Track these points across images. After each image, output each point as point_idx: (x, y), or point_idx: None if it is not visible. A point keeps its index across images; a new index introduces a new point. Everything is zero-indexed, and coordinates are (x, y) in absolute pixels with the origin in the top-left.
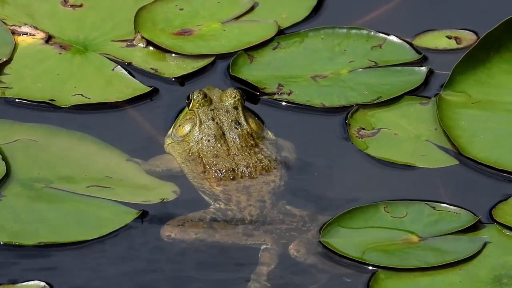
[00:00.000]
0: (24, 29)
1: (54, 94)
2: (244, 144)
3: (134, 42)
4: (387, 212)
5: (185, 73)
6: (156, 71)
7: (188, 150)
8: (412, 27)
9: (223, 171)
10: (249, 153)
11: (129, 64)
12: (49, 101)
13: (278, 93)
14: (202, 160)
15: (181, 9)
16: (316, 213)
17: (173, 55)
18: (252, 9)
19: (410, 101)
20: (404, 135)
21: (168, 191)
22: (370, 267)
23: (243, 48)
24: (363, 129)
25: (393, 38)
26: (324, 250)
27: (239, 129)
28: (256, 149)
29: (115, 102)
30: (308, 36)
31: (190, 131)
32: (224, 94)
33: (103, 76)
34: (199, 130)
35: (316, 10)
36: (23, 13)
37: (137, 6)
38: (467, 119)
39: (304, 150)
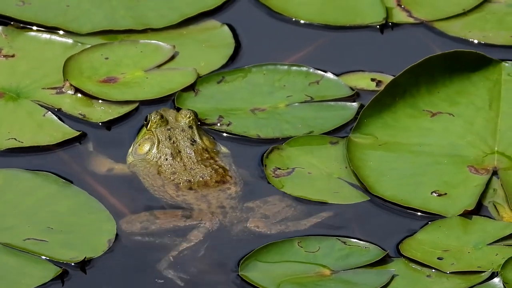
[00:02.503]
0: None
1: None
2: (199, 158)
3: (63, 90)
4: (301, 247)
5: (111, 118)
6: (84, 116)
7: (148, 168)
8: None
9: (180, 183)
10: (205, 165)
11: (59, 110)
12: None
13: (217, 124)
14: (160, 175)
15: (106, 58)
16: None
17: (100, 101)
18: (173, 58)
19: (321, 141)
20: (317, 174)
21: (102, 242)
22: None
23: (166, 94)
24: (279, 169)
25: (329, 75)
26: (242, 283)
27: (195, 146)
28: (211, 161)
29: (46, 145)
30: (251, 72)
31: (149, 150)
32: (179, 114)
33: (34, 121)
34: (157, 149)
35: (232, 58)
36: None
37: (65, 56)
38: (375, 160)
39: None
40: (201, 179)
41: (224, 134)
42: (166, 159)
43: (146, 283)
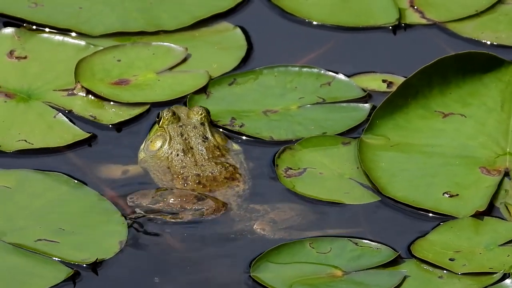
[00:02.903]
0: None
1: None
2: (211, 156)
3: (75, 91)
4: (313, 247)
5: (122, 120)
6: (95, 118)
7: (159, 163)
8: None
9: (189, 177)
10: (215, 162)
11: (70, 111)
12: None
13: (231, 125)
14: (170, 171)
15: (119, 60)
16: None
17: (111, 103)
18: (185, 60)
19: (333, 141)
20: (328, 174)
21: (114, 243)
22: None
23: (177, 97)
24: (290, 169)
25: (341, 76)
26: (254, 284)
27: (206, 143)
28: (222, 159)
29: (56, 147)
30: (263, 74)
31: (161, 146)
32: (191, 111)
33: (45, 123)
34: (169, 145)
35: (244, 60)
36: None
37: (77, 58)
38: (386, 161)
39: None
40: (210, 174)
41: (238, 136)
42: (177, 155)
43: (157, 284)
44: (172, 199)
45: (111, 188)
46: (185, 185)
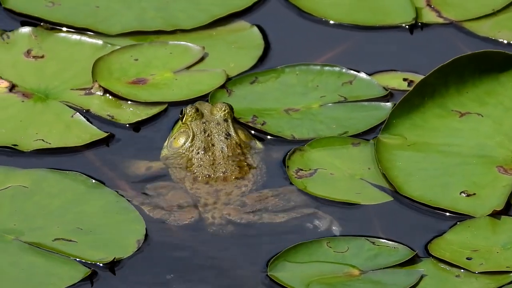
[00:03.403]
0: None
1: (17, 139)
2: (231, 154)
3: (92, 91)
4: (330, 247)
5: (140, 119)
6: (113, 118)
7: (179, 160)
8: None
9: (199, 177)
10: (232, 161)
11: (87, 111)
12: (12, 146)
13: (252, 123)
14: (187, 168)
15: (136, 60)
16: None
17: (129, 102)
18: (202, 59)
19: (343, 142)
20: (339, 175)
21: (131, 242)
22: None
23: (194, 96)
24: (301, 170)
25: (362, 75)
26: (271, 283)
27: (229, 140)
28: (242, 157)
29: (74, 146)
30: (284, 72)
31: (184, 143)
32: (215, 107)
33: (62, 122)
34: (192, 142)
35: (262, 59)
36: None
37: (95, 57)
38: (403, 160)
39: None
40: (221, 174)
41: (259, 134)
42: (198, 153)
43: (175, 283)
44: (164, 198)
45: (129, 187)
46: (193, 183)
